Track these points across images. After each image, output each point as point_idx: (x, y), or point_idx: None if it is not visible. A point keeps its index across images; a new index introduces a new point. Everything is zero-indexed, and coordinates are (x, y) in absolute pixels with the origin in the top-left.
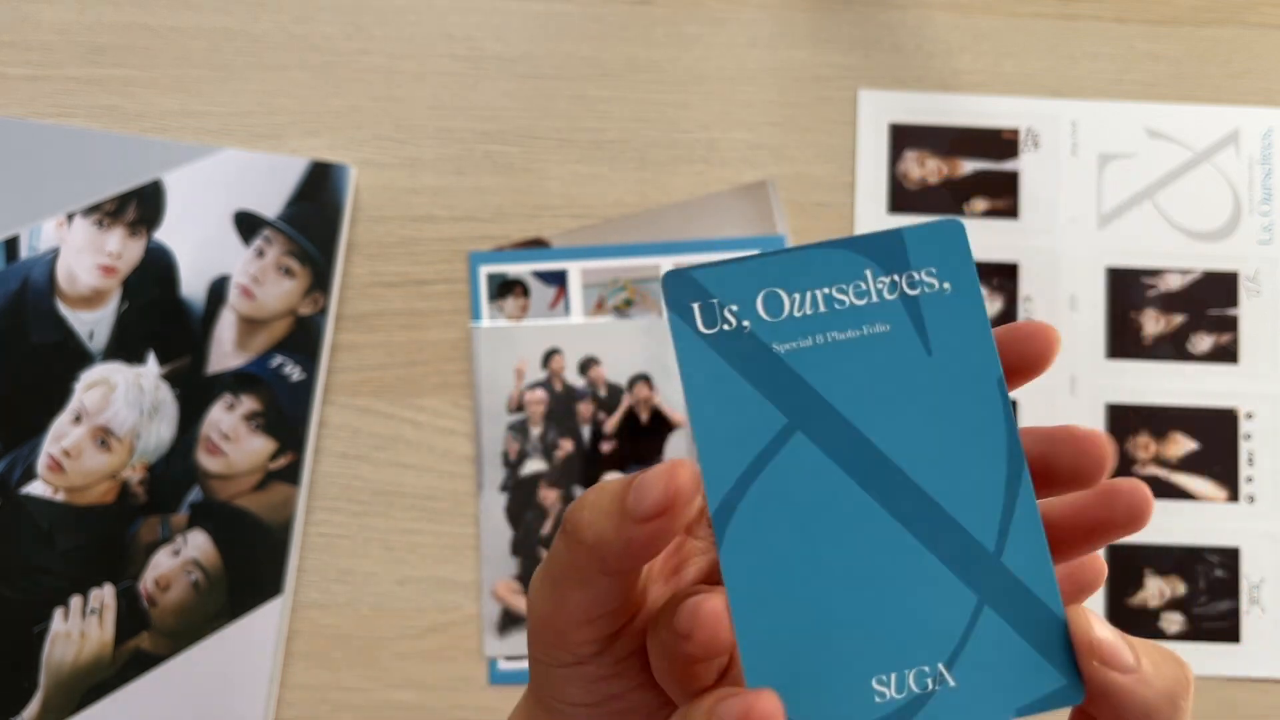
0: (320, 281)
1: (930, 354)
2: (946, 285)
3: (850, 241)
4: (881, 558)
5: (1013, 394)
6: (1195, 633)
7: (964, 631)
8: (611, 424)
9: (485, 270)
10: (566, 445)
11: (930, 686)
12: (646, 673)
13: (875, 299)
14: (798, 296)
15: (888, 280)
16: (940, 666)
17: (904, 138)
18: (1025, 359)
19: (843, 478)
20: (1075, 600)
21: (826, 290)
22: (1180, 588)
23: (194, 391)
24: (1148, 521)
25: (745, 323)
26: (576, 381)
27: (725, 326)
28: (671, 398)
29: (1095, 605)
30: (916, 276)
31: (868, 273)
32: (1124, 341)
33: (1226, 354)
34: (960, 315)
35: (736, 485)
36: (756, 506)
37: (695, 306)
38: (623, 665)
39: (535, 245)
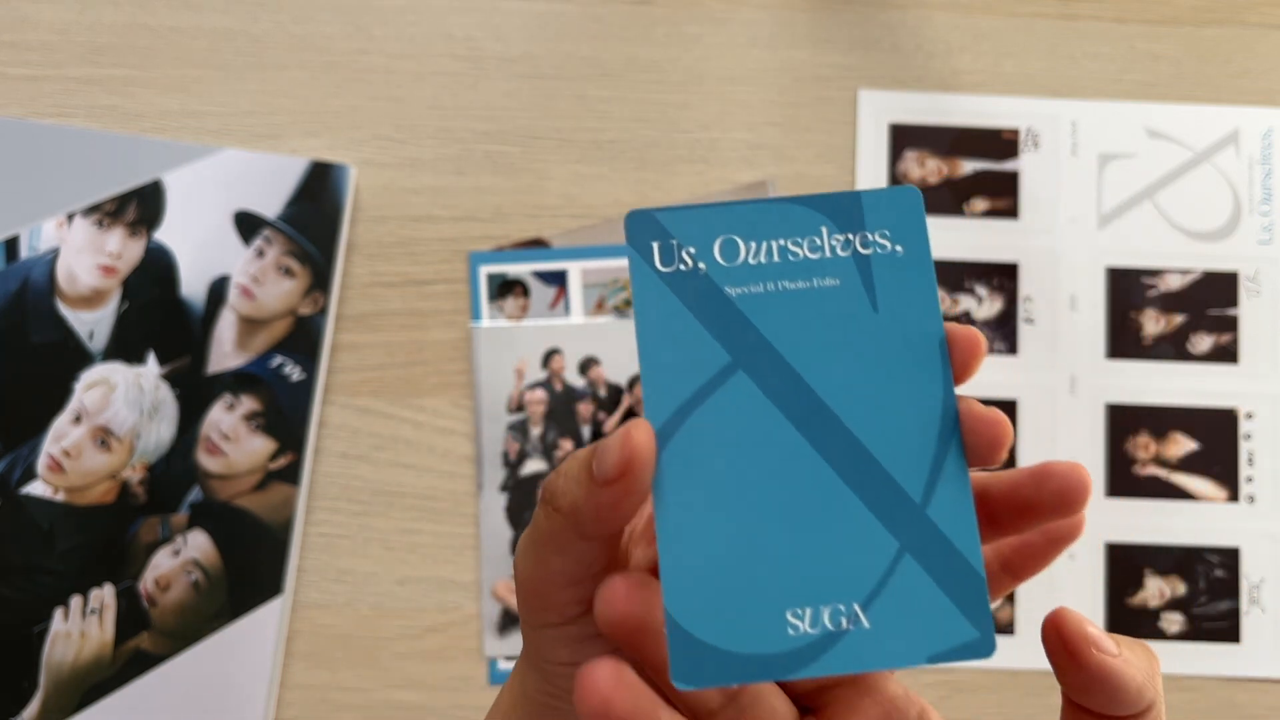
0: (320, 281)
1: (876, 311)
2: (899, 248)
3: (810, 199)
4: (808, 497)
5: (1014, 394)
6: (1195, 633)
7: (883, 576)
8: (611, 424)
9: (485, 270)
10: (566, 445)
11: (844, 625)
12: None
13: (828, 254)
14: (754, 245)
15: (842, 238)
16: (856, 606)
17: (904, 138)
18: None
19: (779, 418)
20: (1051, 552)
21: (782, 242)
22: (1180, 588)
23: (194, 391)
24: (1080, 507)
25: (701, 265)
26: (576, 381)
27: (681, 266)
28: None
29: (1095, 605)
30: (870, 237)
31: (823, 229)
32: (1124, 341)
33: (1226, 354)
34: (909, 277)
35: (675, 415)
36: (692, 437)
37: (655, 245)
38: None
39: (535, 245)
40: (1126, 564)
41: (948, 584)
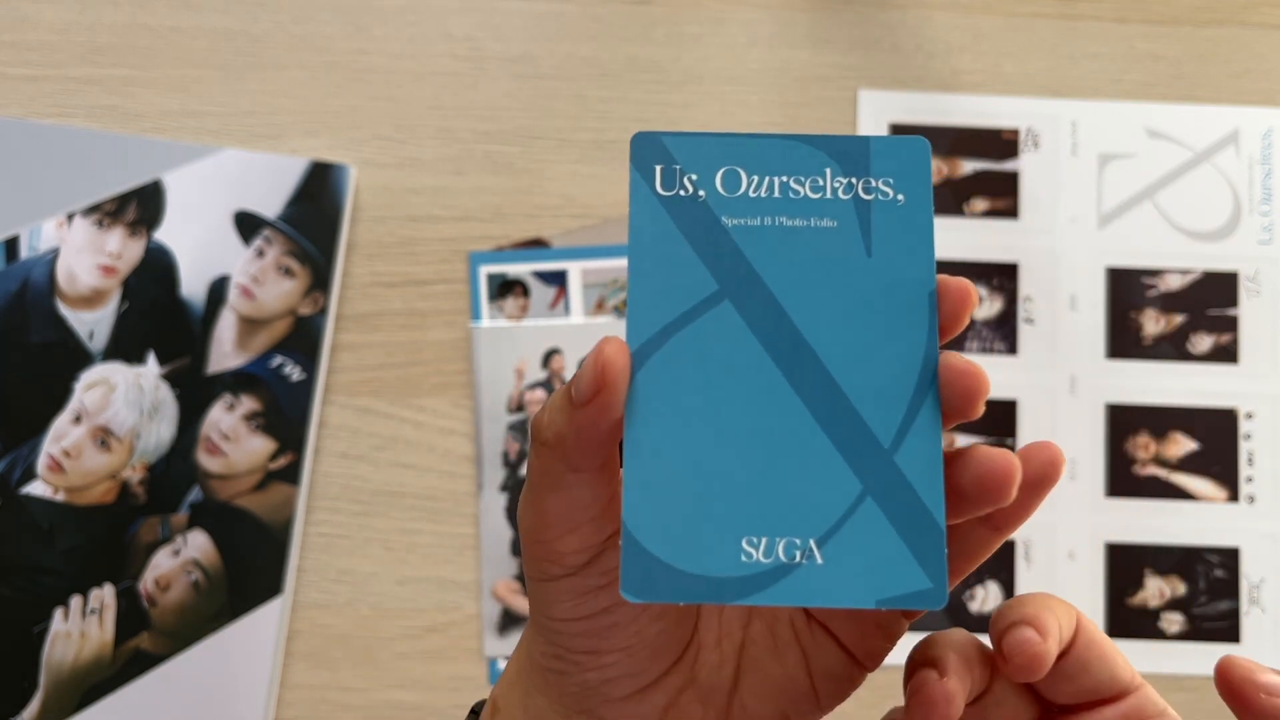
0: (320, 281)
1: (870, 256)
2: (900, 197)
3: (818, 139)
4: (778, 429)
5: (1014, 394)
6: (1195, 633)
7: (842, 515)
8: None
9: (485, 270)
10: None
11: (797, 559)
12: None
13: (829, 195)
14: (756, 178)
15: (845, 181)
16: (811, 542)
17: None
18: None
19: (758, 350)
20: (1030, 502)
21: (785, 179)
22: (1180, 588)
23: (194, 391)
24: (1004, 498)
25: (701, 192)
26: None
27: (682, 192)
28: None
29: (1095, 604)
30: (873, 183)
31: (827, 170)
32: (1124, 341)
33: (1226, 354)
34: (908, 227)
35: (657, 335)
36: (670, 358)
37: (658, 168)
38: (609, 577)
39: (535, 245)
40: (1127, 564)
41: (907, 531)
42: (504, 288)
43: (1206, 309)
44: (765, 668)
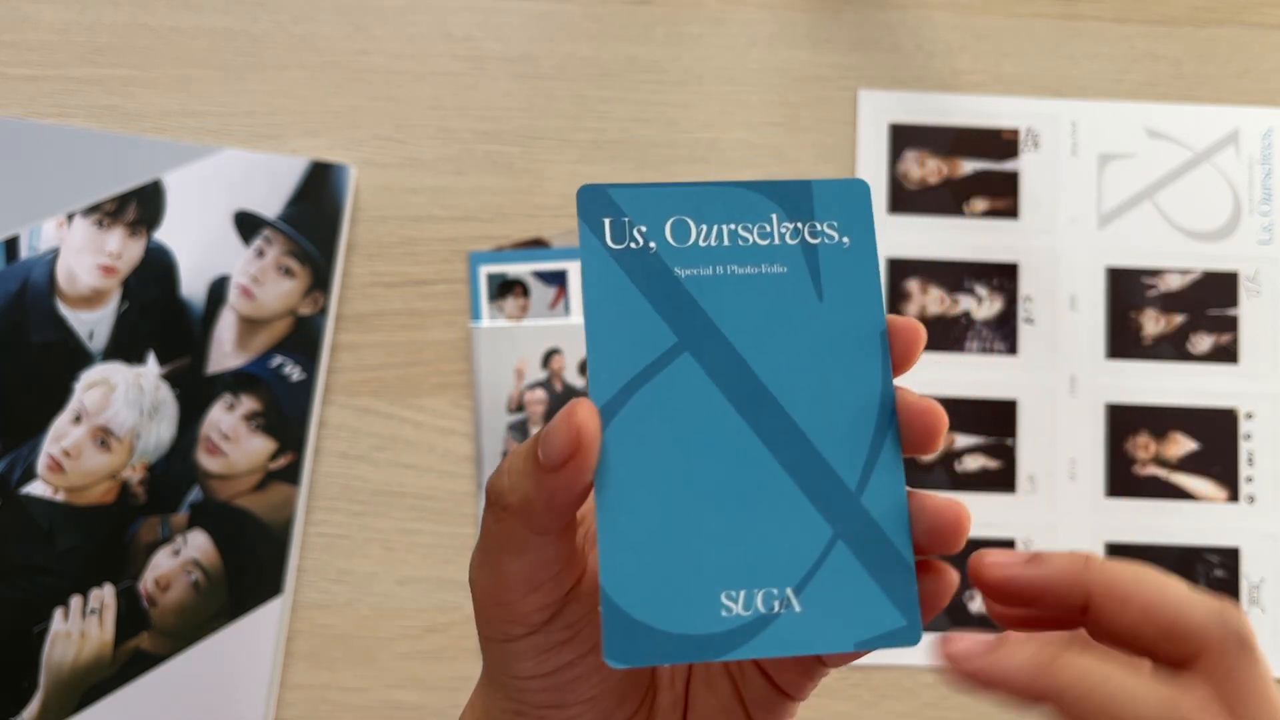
0: (320, 281)
1: (821, 300)
2: (846, 239)
3: (762, 185)
4: (746, 480)
5: (1014, 394)
6: None
7: (816, 561)
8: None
9: (485, 270)
10: None
11: (776, 609)
12: (598, 636)
13: (777, 241)
14: (705, 228)
15: (791, 226)
16: (789, 591)
17: (904, 138)
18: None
19: (721, 401)
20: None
21: (732, 226)
22: None
23: (194, 391)
24: (955, 547)
25: (652, 244)
26: (576, 381)
27: (632, 245)
28: None
29: None
30: (819, 227)
31: (774, 216)
32: (1124, 341)
33: (1226, 354)
34: (855, 268)
35: (620, 393)
36: (635, 416)
37: (606, 221)
38: (572, 631)
39: (535, 245)
40: None
41: (877, 572)
42: (504, 288)
43: (1206, 309)
44: (704, 700)
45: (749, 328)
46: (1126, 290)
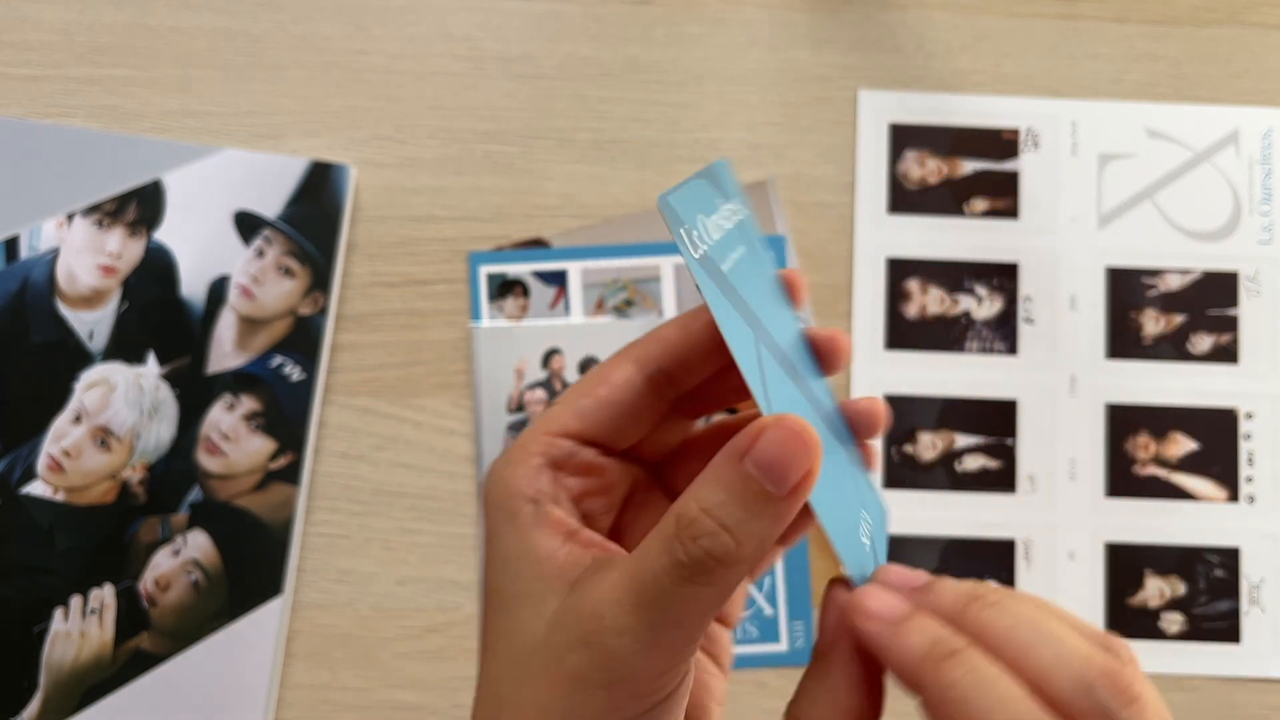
0: (320, 281)
1: (764, 265)
2: (746, 212)
3: (706, 174)
4: (840, 457)
5: (1014, 394)
6: (1195, 633)
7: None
8: None
9: (485, 270)
10: None
11: (868, 539)
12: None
13: (731, 225)
14: (709, 221)
15: (730, 208)
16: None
17: (904, 138)
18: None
19: (792, 386)
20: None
21: (715, 216)
22: (1180, 588)
23: (194, 391)
24: (876, 431)
25: (704, 246)
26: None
27: (704, 248)
28: None
29: (1095, 605)
30: (735, 205)
31: (718, 202)
32: (1124, 341)
33: (1226, 354)
34: (758, 233)
35: (768, 395)
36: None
37: (682, 231)
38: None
39: (535, 245)
40: (1126, 564)
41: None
42: (504, 288)
43: (1206, 309)
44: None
45: (764, 306)
46: (1126, 290)
